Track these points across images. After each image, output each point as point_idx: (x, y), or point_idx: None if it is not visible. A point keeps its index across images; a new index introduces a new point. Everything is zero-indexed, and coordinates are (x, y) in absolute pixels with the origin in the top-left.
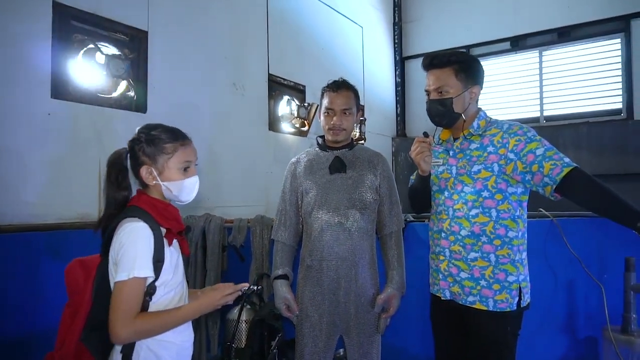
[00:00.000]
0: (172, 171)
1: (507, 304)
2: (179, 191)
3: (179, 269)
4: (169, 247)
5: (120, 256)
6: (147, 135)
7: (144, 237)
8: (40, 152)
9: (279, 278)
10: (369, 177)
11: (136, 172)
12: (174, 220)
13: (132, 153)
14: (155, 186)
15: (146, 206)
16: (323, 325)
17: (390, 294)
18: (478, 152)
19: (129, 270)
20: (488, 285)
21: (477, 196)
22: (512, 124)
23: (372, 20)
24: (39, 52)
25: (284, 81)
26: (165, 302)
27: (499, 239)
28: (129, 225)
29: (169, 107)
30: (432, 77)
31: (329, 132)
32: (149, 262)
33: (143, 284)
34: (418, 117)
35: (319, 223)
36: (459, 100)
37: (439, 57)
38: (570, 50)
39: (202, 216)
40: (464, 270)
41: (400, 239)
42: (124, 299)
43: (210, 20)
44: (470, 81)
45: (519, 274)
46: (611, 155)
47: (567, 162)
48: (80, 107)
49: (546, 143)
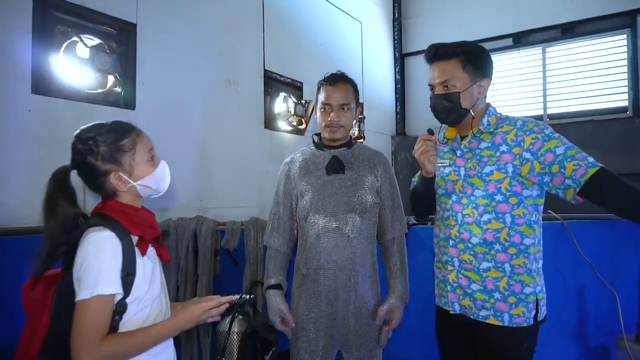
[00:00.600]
0: (142, 166)
1: (524, 319)
2: (157, 183)
3: (155, 280)
4: (141, 257)
5: (82, 271)
6: (96, 141)
7: (110, 248)
8: (20, 151)
9: (271, 288)
10: (369, 178)
11: (100, 185)
12: (147, 226)
13: (85, 167)
14: (127, 191)
15: (114, 213)
16: (320, 340)
17: (392, 305)
18: (489, 151)
19: (92, 287)
20: (503, 298)
21: (489, 200)
22: (526, 120)
23: (371, 15)
24: (18, 45)
25: (281, 77)
26: (139, 320)
27: (514, 247)
28: (93, 235)
29: (159, 103)
30: (436, 69)
31: (326, 130)
32: (116, 276)
33: (110, 302)
34: (418, 115)
35: (315, 228)
36: (466, 95)
37: (444, 47)
38: (575, 47)
39: (194, 218)
40: (476, 282)
41: (404, 245)
42: (87, 320)
43: (203, 13)
44: (478, 74)
45: (535, 285)
46: (617, 155)
47: (592, 162)
48: (63, 103)
49: (566, 141)
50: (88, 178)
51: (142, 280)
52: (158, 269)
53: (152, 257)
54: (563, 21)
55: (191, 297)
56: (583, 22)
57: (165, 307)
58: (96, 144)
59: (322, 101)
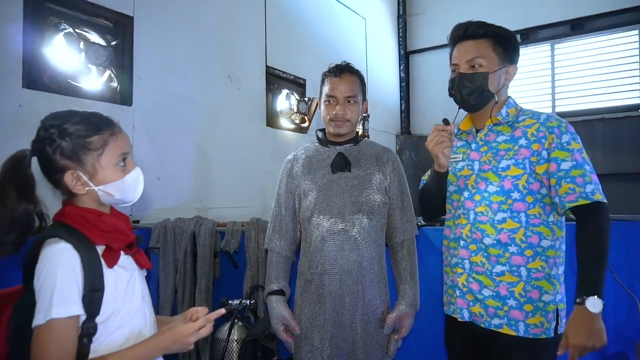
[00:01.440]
0: (108, 171)
1: (542, 330)
2: (122, 193)
3: (134, 293)
4: (109, 268)
5: (37, 292)
6: (60, 129)
7: (65, 263)
8: (10, 148)
9: (273, 294)
10: (377, 177)
11: (56, 181)
12: (114, 232)
13: (44, 157)
14: (86, 194)
15: (71, 220)
16: (325, 349)
17: (402, 312)
18: (507, 144)
19: (46, 311)
20: (518, 305)
21: (504, 197)
22: (550, 116)
23: (375, 12)
24: (8, 37)
25: (283, 74)
26: (118, 341)
27: (531, 248)
28: (47, 248)
29: (157, 99)
30: (462, 49)
31: (331, 124)
32: (74, 295)
33: (71, 326)
34: (423, 114)
35: (319, 230)
36: (494, 78)
37: (476, 24)
38: (584, 43)
39: (193, 219)
40: (488, 287)
41: (414, 247)
42: (46, 349)
43: (203, 6)
44: (507, 59)
45: (555, 293)
46: (627, 153)
47: (587, 193)
48: (56, 98)
49: (578, 156)
50: (45, 170)
51: (114, 294)
52: (137, 278)
53: (128, 266)
54: (572, 17)
55: (190, 301)
56: (593, 18)
57: (149, 321)
58: (60, 134)
59: (326, 93)
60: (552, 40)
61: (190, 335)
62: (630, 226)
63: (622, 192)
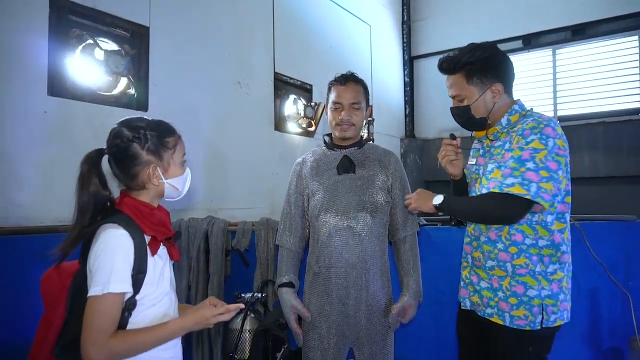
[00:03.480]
0: (176, 167)
1: (527, 322)
2: (182, 186)
3: (164, 278)
4: (152, 256)
5: (95, 267)
6: (146, 130)
7: (122, 246)
8: (36, 151)
9: (283, 286)
10: (380, 177)
11: (133, 174)
12: (161, 226)
13: (126, 153)
14: (154, 187)
15: (129, 211)
16: (331, 337)
17: (406, 303)
18: (498, 150)
19: (104, 285)
20: (505, 297)
21: None
22: (535, 120)
23: (380, 18)
24: (35, 48)
25: (290, 80)
26: (148, 317)
27: (515, 246)
28: (107, 232)
29: (171, 105)
30: (447, 82)
31: (337, 128)
32: (127, 275)
33: (119, 300)
34: (427, 118)
35: (326, 227)
36: (478, 106)
37: (447, 60)
38: (585, 49)
39: (205, 219)
40: (484, 279)
41: (416, 243)
42: (98, 316)
43: (214, 16)
44: (487, 80)
45: (541, 289)
46: (628, 157)
47: (506, 184)
48: (78, 105)
49: (526, 154)
50: (123, 164)
51: (152, 278)
52: (168, 267)
53: (163, 255)
54: (573, 23)
55: (203, 297)
56: (594, 24)
57: (174, 305)
58: (145, 133)
59: (333, 100)
60: (553, 45)
61: (212, 317)
62: (626, 226)
63: (623, 194)
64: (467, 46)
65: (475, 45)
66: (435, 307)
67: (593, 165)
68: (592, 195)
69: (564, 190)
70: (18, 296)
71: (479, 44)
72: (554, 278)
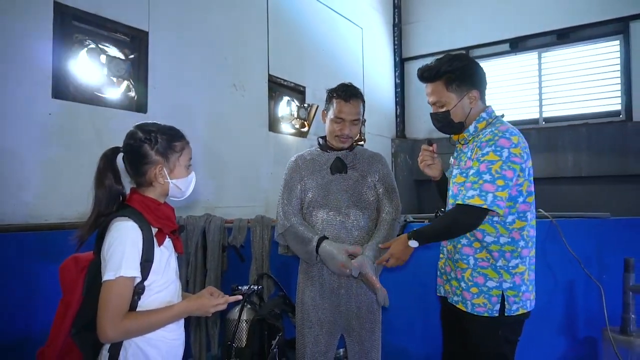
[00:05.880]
0: (181, 169)
1: (485, 309)
2: (186, 187)
3: (169, 268)
4: (158, 247)
5: (109, 255)
6: (157, 133)
7: (132, 236)
8: (40, 151)
9: (320, 242)
10: (369, 177)
11: (142, 172)
12: (166, 219)
13: (138, 153)
14: (160, 185)
15: (137, 205)
16: (324, 325)
17: (361, 261)
18: (463, 156)
19: (116, 270)
20: (467, 287)
21: (454, 200)
22: (492, 132)
23: (371, 21)
24: (40, 52)
25: (284, 82)
26: (156, 302)
27: (478, 242)
28: (118, 224)
29: (170, 107)
30: (427, 90)
31: (336, 139)
32: (136, 262)
33: (130, 284)
34: (418, 119)
35: (320, 222)
36: (456, 111)
37: (428, 70)
38: (570, 52)
39: (203, 216)
40: (453, 270)
41: (393, 227)
42: (112, 298)
43: (210, 21)
44: (465, 87)
45: (502, 281)
46: (610, 157)
47: (467, 196)
48: (80, 107)
49: (483, 167)
50: (135, 162)
51: (158, 266)
52: (173, 258)
53: (169, 247)
54: (558, 27)
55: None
56: (578, 28)
57: (178, 293)
58: (157, 136)
59: (335, 114)
60: (539, 49)
61: (212, 307)
62: (600, 223)
63: (605, 192)
64: (444, 57)
65: (452, 55)
66: (422, 300)
67: (576, 165)
68: (575, 193)
69: (526, 191)
70: (23, 290)
71: (455, 55)
72: (516, 272)
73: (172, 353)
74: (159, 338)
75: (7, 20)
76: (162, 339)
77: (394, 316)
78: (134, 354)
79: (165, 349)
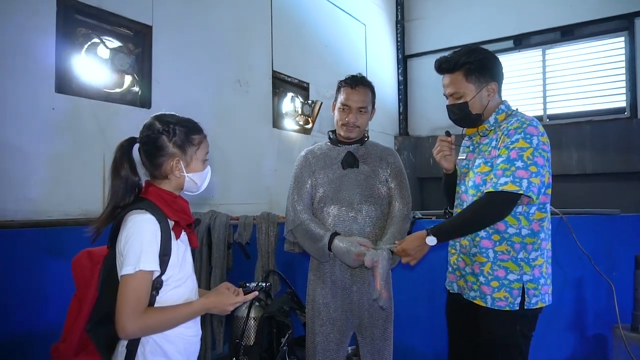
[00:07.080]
0: (197, 163)
1: (506, 303)
2: (202, 181)
3: (186, 262)
4: (175, 240)
5: (126, 249)
6: (175, 125)
7: (150, 230)
8: (44, 147)
9: (331, 240)
10: (380, 172)
11: (158, 164)
12: (183, 212)
13: (155, 144)
14: (175, 178)
15: (154, 198)
16: (336, 322)
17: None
18: (486, 146)
19: (135, 264)
20: (486, 282)
21: (475, 190)
22: (519, 120)
23: (375, 18)
24: (43, 46)
25: (288, 78)
26: (174, 297)
27: (498, 234)
28: (135, 217)
29: (174, 102)
30: (445, 81)
31: (342, 128)
32: (155, 255)
33: (149, 278)
34: (421, 116)
35: (331, 218)
36: (475, 102)
37: (447, 60)
38: (574, 49)
39: (208, 213)
40: (468, 265)
41: (404, 221)
42: (132, 292)
43: (214, 16)
44: (484, 79)
45: (522, 273)
46: (615, 154)
47: (500, 183)
48: (84, 101)
49: (514, 154)
50: (151, 154)
51: (176, 260)
52: (189, 252)
53: (185, 241)
54: (563, 24)
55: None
56: (582, 25)
57: (195, 288)
58: (174, 128)
59: (341, 102)
60: (543, 45)
61: (231, 304)
62: (611, 219)
63: (609, 190)
64: (462, 48)
65: (471, 47)
66: (431, 297)
67: (581, 162)
68: (580, 191)
69: (547, 182)
70: (26, 285)
71: (474, 47)
72: (536, 264)
73: (189, 349)
74: (176, 334)
75: (9, 14)
76: (180, 335)
77: (403, 313)
78: (152, 351)
79: (182, 345)
